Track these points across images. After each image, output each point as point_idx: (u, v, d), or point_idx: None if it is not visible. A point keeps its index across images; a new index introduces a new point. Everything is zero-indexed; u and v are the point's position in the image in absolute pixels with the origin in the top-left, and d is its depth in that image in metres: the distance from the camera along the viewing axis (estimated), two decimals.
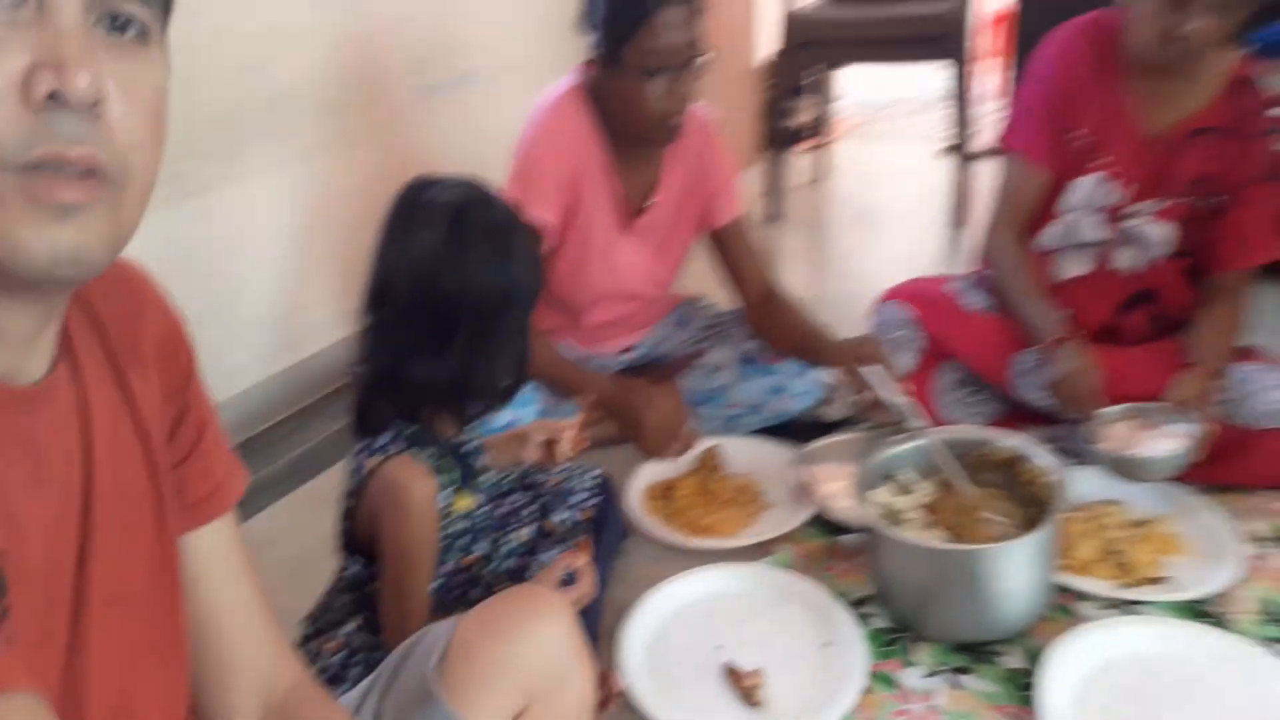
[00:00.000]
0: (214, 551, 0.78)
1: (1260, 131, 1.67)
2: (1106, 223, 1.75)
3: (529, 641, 0.94)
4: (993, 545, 1.35)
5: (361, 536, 1.23)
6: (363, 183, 2.17)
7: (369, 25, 2.25)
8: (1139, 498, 1.61)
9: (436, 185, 1.21)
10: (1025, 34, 2.76)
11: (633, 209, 1.82)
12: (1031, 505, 1.43)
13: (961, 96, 3.12)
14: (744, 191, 1.98)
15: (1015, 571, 1.34)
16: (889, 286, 1.95)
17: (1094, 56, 1.70)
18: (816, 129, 3.83)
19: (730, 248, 1.89)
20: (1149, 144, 1.70)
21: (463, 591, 1.33)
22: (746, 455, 1.85)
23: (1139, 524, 1.55)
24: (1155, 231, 1.73)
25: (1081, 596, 1.45)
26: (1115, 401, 1.61)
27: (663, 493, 1.75)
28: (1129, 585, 1.45)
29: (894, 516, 1.48)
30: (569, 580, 1.21)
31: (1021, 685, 1.31)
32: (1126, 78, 1.69)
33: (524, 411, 1.65)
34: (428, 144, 2.42)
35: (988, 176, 2.94)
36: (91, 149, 0.55)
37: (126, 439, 0.68)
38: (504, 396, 1.27)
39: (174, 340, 0.75)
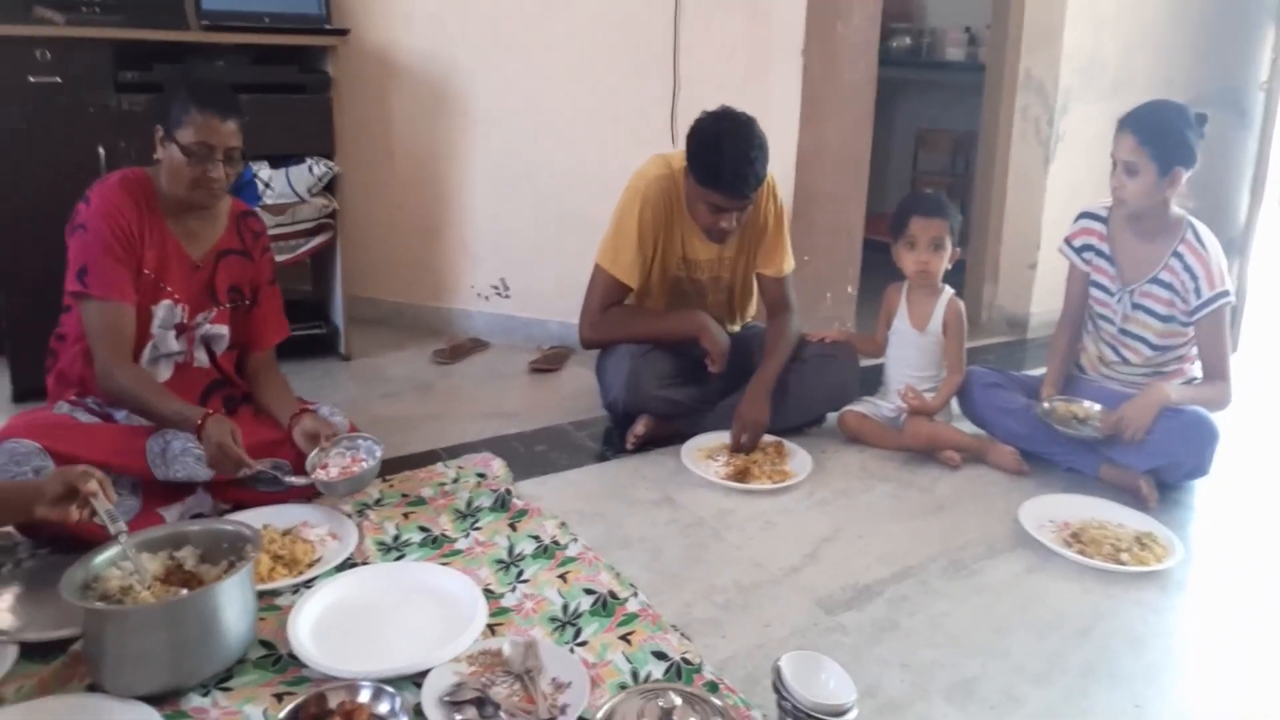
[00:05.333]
0: None
1: (262, 250, 2.37)
2: (181, 335, 2.24)
3: None
4: (223, 580, 1.67)
5: None
6: None
7: None
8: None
9: None
10: None
11: None
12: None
13: None
14: None
15: (243, 595, 1.72)
16: None
17: (135, 207, 2.12)
18: None
19: None
20: (194, 268, 2.24)
21: None
22: None
23: (288, 531, 2.12)
24: (215, 333, 2.30)
25: (279, 593, 1.94)
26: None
27: None
28: (302, 573, 1.99)
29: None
30: None
31: (273, 663, 1.74)
32: (167, 219, 2.18)
33: None
34: None
35: None
36: None
37: None
38: None
39: None
